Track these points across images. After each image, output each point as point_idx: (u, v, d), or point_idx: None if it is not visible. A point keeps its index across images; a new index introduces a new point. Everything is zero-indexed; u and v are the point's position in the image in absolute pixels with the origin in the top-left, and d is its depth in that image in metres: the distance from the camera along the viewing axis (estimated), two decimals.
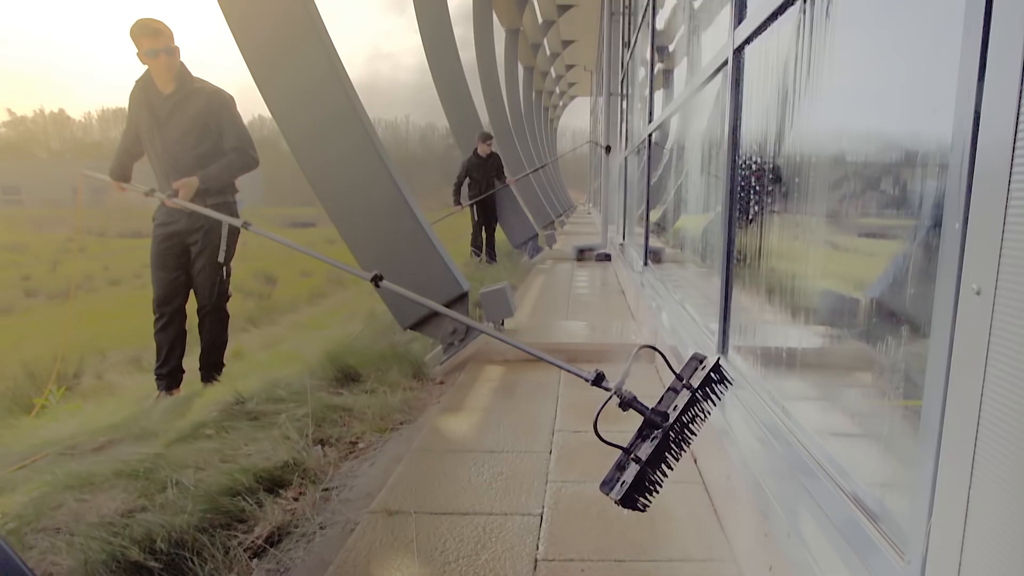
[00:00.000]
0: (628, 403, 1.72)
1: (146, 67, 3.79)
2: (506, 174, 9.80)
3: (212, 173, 3.80)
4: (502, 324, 4.27)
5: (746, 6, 2.57)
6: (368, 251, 4.21)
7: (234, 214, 4.06)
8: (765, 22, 2.22)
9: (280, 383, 3.52)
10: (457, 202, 9.52)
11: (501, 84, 20.72)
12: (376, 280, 2.79)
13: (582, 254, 10.12)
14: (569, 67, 41.31)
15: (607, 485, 1.60)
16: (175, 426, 3.02)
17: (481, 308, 4.32)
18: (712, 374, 1.68)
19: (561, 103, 54.76)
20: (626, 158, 8.64)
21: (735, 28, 2.59)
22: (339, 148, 4.06)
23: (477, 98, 17.90)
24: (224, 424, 2.92)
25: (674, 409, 1.64)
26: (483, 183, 9.39)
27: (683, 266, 4.29)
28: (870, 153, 1.63)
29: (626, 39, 9.20)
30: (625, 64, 9.05)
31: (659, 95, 5.92)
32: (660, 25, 6.04)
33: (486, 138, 9.44)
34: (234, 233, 4.06)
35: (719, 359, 1.73)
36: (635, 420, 1.63)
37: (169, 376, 4.02)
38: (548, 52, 35.24)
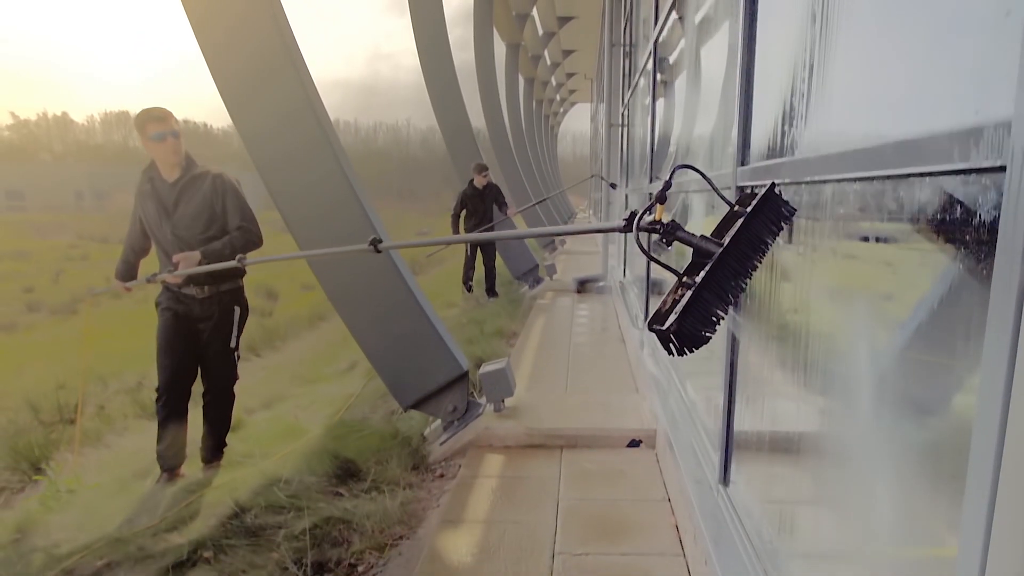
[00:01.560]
0: (671, 233, 1.56)
1: (152, 155, 3.79)
2: (507, 203, 9.68)
3: (215, 248, 3.76)
4: (503, 403, 4.23)
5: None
6: (368, 333, 4.19)
7: (243, 300, 4.05)
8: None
9: (279, 481, 3.49)
10: (456, 233, 9.38)
11: (502, 101, 20.70)
12: (375, 244, 2.74)
13: (582, 286, 10.08)
14: (570, 75, 41.34)
15: (657, 320, 1.45)
16: (174, 544, 2.98)
17: (481, 388, 4.28)
18: (766, 200, 1.55)
19: (562, 110, 54.79)
20: (627, 195, 8.59)
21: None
22: (336, 232, 4.03)
23: (476, 109, 18.00)
24: (223, 543, 2.89)
25: (728, 236, 1.50)
26: (479, 215, 9.23)
27: None
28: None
29: (627, 71, 9.16)
30: (627, 101, 8.99)
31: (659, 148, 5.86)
32: (661, 75, 5.98)
33: (482, 169, 9.34)
34: (243, 318, 4.06)
35: (773, 184, 1.60)
36: None
37: (172, 458, 3.98)
38: (549, 62, 35.22)
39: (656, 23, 5.53)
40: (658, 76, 5.84)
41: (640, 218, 1.61)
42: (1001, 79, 0.87)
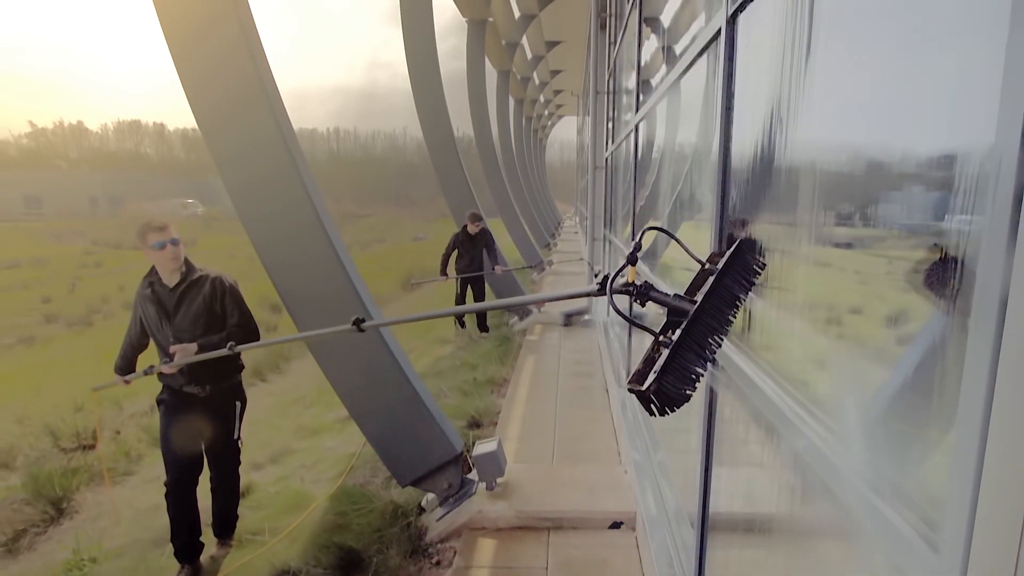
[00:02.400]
0: (644, 295, 1.53)
1: (153, 262, 3.78)
2: (498, 253, 9.87)
3: (212, 341, 3.76)
4: (495, 482, 4.28)
5: None
6: (366, 418, 4.23)
7: (242, 394, 4.07)
8: None
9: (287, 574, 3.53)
10: (443, 273, 9.62)
11: (492, 125, 20.73)
12: (358, 324, 2.61)
13: (569, 319, 10.15)
14: (557, 91, 41.35)
15: (636, 380, 1.40)
16: None
17: (475, 467, 4.32)
18: (736, 256, 1.50)
19: (550, 123, 54.81)
20: (609, 241, 8.64)
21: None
22: (327, 310, 4.05)
23: (468, 119, 18.02)
24: None
25: (701, 294, 1.45)
26: (469, 257, 9.51)
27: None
28: None
29: (611, 115, 9.19)
30: (610, 149, 9.02)
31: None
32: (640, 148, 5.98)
33: (476, 218, 9.53)
34: (243, 410, 4.08)
35: (742, 240, 1.56)
36: None
37: (187, 548, 3.96)
38: (537, 82, 35.22)
39: (637, 106, 5.57)
40: (639, 153, 5.86)
41: (612, 280, 1.59)
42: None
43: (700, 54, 2.77)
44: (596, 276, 1.58)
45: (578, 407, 6.11)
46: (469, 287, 9.71)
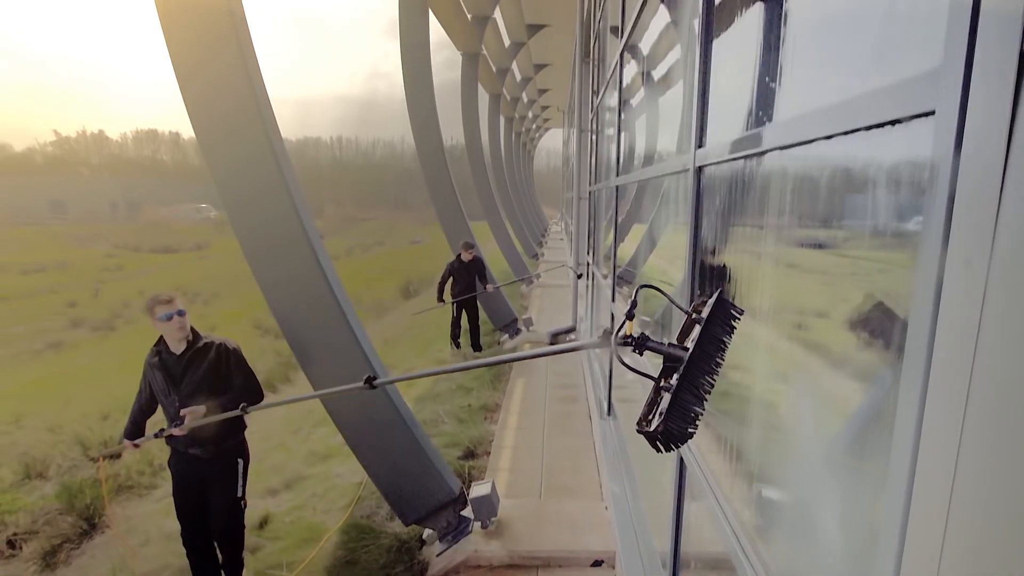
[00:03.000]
0: (643, 344, 1.58)
1: (161, 332, 3.77)
2: (489, 278, 10.01)
3: (219, 402, 3.77)
4: (489, 521, 4.38)
5: None
6: (374, 465, 4.31)
7: (245, 452, 4.07)
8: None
9: None
10: (440, 299, 9.70)
11: (484, 143, 20.78)
12: (369, 381, 2.60)
13: (555, 338, 10.23)
14: (544, 107, 41.44)
15: (643, 423, 1.46)
16: None
17: (471, 506, 4.41)
18: (718, 305, 1.57)
19: (537, 135, 54.92)
20: (593, 275, 8.70)
21: None
22: (337, 370, 4.13)
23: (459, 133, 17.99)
24: None
25: (692, 341, 1.52)
26: (463, 283, 9.66)
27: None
28: None
29: (592, 153, 9.26)
30: (593, 192, 9.09)
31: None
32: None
33: (468, 247, 9.66)
34: (247, 468, 4.09)
35: (720, 291, 1.63)
36: None
37: None
38: (526, 100, 35.30)
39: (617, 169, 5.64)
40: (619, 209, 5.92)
41: (616, 335, 1.63)
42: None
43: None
44: (585, 325, 1.63)
45: (564, 435, 6.20)
46: (464, 307, 9.84)
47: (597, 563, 4.09)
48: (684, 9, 2.99)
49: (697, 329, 1.53)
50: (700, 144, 2.27)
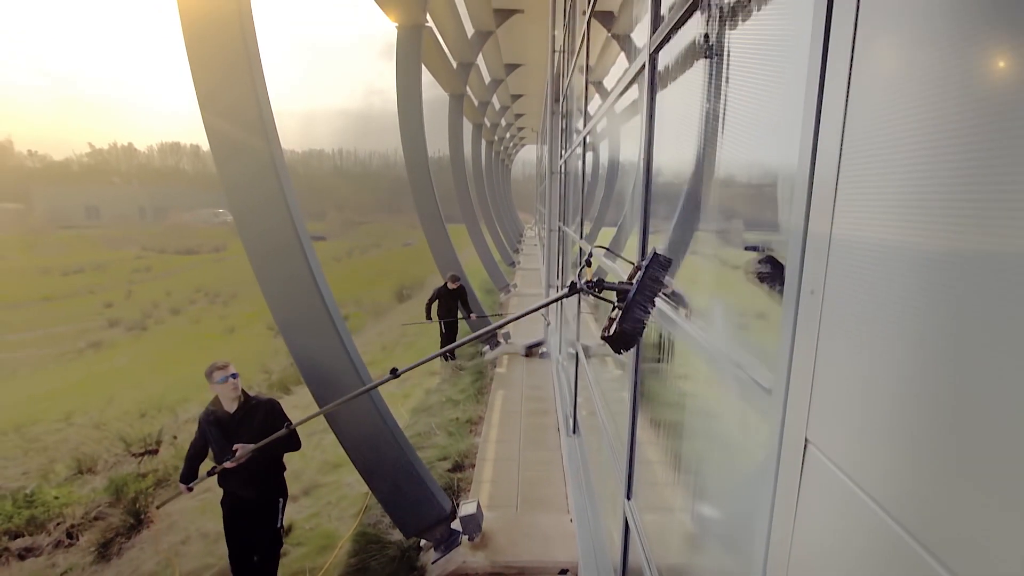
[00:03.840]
0: (599, 285, 1.94)
1: (216, 393, 3.93)
2: (470, 307, 10.51)
3: (267, 444, 3.94)
4: (475, 535, 4.65)
5: None
6: (379, 486, 4.54)
7: (284, 490, 4.24)
8: None
9: None
10: (428, 316, 10.22)
11: (467, 165, 20.94)
12: (394, 372, 2.72)
13: (529, 351, 10.52)
14: (520, 128, 41.55)
15: (605, 332, 1.78)
16: None
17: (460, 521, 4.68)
18: (654, 257, 1.88)
19: (514, 151, 54.96)
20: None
21: None
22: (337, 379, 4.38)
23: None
24: None
25: (635, 281, 1.84)
26: (447, 308, 10.15)
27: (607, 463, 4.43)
28: None
29: (563, 196, 9.42)
30: (563, 224, 9.24)
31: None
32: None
33: (455, 279, 10.19)
34: (285, 504, 4.22)
35: (655, 251, 1.93)
36: None
37: None
38: (504, 124, 35.40)
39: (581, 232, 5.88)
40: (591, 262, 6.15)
41: (580, 281, 2.03)
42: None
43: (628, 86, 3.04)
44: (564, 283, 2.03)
45: (536, 448, 6.47)
46: (446, 327, 10.27)
47: (563, 572, 4.38)
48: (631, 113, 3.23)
49: (640, 273, 1.87)
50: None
